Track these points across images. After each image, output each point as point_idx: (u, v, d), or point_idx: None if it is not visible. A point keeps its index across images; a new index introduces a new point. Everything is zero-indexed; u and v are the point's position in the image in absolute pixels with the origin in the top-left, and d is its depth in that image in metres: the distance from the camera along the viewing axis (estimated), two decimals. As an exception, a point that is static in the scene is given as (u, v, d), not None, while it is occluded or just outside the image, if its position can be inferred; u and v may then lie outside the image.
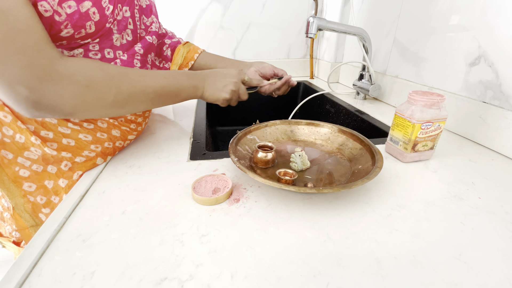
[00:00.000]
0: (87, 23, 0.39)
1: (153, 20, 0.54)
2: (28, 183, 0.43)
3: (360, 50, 0.86)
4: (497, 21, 0.50)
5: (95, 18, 0.39)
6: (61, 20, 0.36)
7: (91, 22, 0.39)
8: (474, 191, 0.39)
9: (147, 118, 0.58)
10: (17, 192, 0.43)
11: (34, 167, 0.43)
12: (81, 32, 0.39)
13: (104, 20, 0.41)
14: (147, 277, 0.26)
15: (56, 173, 0.44)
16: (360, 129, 0.71)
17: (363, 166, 0.42)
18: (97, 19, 0.39)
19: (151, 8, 0.55)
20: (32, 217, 0.45)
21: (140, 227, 0.32)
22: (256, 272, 0.26)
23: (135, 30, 0.49)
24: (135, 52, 0.48)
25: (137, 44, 0.49)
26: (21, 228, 0.45)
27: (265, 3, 1.07)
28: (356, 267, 0.27)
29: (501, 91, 0.50)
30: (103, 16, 0.40)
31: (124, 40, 0.47)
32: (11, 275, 0.26)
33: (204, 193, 0.36)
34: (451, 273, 0.27)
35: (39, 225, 0.46)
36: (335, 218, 0.34)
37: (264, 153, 0.44)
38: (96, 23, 0.40)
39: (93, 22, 0.39)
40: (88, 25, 0.39)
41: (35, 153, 0.42)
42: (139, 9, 0.50)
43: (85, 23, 0.39)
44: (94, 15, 0.39)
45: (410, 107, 0.44)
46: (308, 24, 0.70)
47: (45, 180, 0.44)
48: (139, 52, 0.49)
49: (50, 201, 0.45)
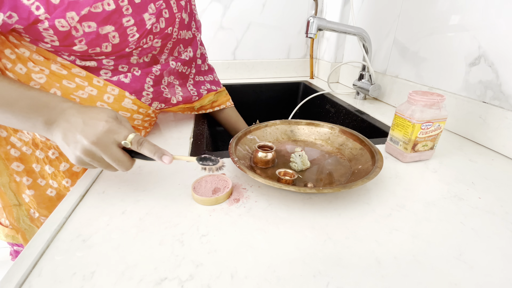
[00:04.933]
0: (104, 44, 0.39)
1: (187, 51, 0.56)
2: (17, 162, 0.45)
3: (360, 50, 0.86)
4: (497, 21, 0.50)
5: (114, 41, 0.40)
6: (76, 36, 0.37)
7: (108, 44, 0.40)
8: (474, 191, 0.39)
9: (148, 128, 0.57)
10: (4, 171, 0.45)
11: (24, 149, 0.44)
12: (95, 49, 0.39)
13: (124, 45, 0.41)
14: (147, 277, 0.26)
15: (43, 159, 0.45)
16: (360, 129, 0.71)
17: (363, 166, 0.42)
18: (116, 42, 0.40)
19: (193, 41, 0.57)
20: (16, 197, 0.47)
21: (140, 227, 0.32)
22: (256, 272, 0.26)
23: (159, 55, 0.50)
24: (151, 71, 0.49)
25: (156, 65, 0.50)
26: (5, 205, 0.48)
27: (265, 3, 1.07)
28: (356, 267, 0.27)
29: (501, 91, 0.50)
30: (124, 42, 0.41)
31: (142, 60, 0.48)
32: (11, 275, 0.26)
33: (204, 193, 0.36)
34: (451, 273, 0.27)
35: (22, 205, 0.49)
36: (335, 218, 0.34)
37: (264, 153, 0.44)
38: (114, 45, 0.40)
39: (111, 44, 0.40)
40: (104, 46, 0.40)
41: (27, 135, 0.43)
42: (176, 41, 0.51)
43: (102, 43, 0.39)
44: (114, 39, 0.40)
45: (410, 107, 0.44)
46: (308, 24, 0.70)
47: (33, 163, 0.46)
48: (155, 73, 0.50)
49: (36, 183, 0.47)
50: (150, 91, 0.50)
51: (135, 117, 0.50)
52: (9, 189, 0.45)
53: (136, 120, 0.51)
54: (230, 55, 1.13)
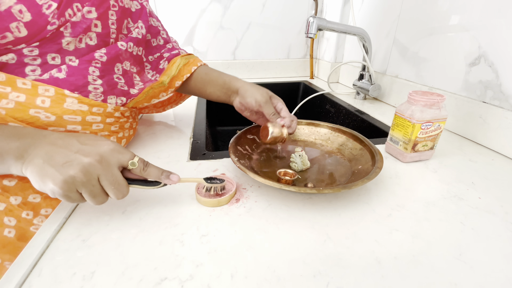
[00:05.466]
0: (12, 24, 0.31)
1: (138, 26, 0.46)
2: None
3: (360, 50, 0.86)
4: (497, 21, 0.50)
5: (24, 18, 0.31)
6: None
7: (17, 24, 0.31)
8: (474, 191, 0.39)
9: (123, 131, 0.47)
10: None
11: None
12: (6, 36, 0.31)
13: (41, 21, 0.32)
14: (147, 277, 0.26)
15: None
16: (360, 129, 0.71)
17: (363, 166, 0.42)
18: (28, 19, 0.31)
19: (142, 12, 0.47)
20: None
21: (140, 227, 0.32)
22: (256, 272, 0.26)
23: (106, 33, 0.40)
24: (93, 58, 0.39)
25: (101, 50, 0.40)
26: None
27: (265, 3, 1.07)
28: (356, 267, 0.27)
29: (501, 91, 0.50)
30: (39, 16, 0.32)
31: (83, 44, 0.38)
32: (11, 275, 0.26)
33: (207, 194, 0.36)
34: (451, 273, 0.27)
35: None
36: (335, 218, 0.34)
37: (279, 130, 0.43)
38: (27, 24, 0.32)
39: (21, 23, 0.31)
40: (14, 27, 0.31)
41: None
42: (118, 11, 0.41)
43: (8, 25, 0.30)
44: (22, 14, 0.31)
45: (410, 107, 0.44)
46: (308, 24, 0.70)
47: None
48: (100, 59, 0.40)
49: None
50: (98, 84, 0.40)
51: (90, 119, 0.40)
52: None
53: (94, 124, 0.40)
54: (230, 55, 1.13)
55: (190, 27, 1.06)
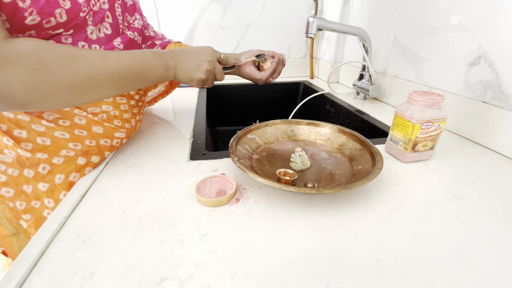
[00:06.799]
0: (57, 10, 0.35)
1: (137, 18, 0.52)
2: (5, 188, 0.40)
3: (360, 50, 0.86)
4: (497, 21, 0.50)
5: (66, 5, 0.36)
6: (25, 7, 0.32)
7: (61, 10, 0.35)
8: (474, 191, 0.39)
9: (138, 115, 0.54)
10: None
11: (10, 171, 0.40)
12: (50, 21, 0.35)
13: (76, 9, 0.37)
14: (147, 277, 0.26)
15: (34, 177, 0.41)
16: (360, 129, 0.71)
17: (363, 166, 0.42)
18: (68, 6, 0.36)
19: (135, 6, 0.53)
20: (13, 225, 0.42)
21: (140, 227, 0.32)
22: (256, 272, 0.26)
23: (116, 24, 0.46)
24: (113, 47, 0.44)
25: (117, 39, 0.45)
26: (2, 236, 0.42)
27: (265, 3, 1.07)
28: (356, 267, 0.27)
29: (501, 91, 0.50)
30: (76, 4, 0.37)
31: (102, 34, 0.43)
32: (11, 275, 0.26)
33: (207, 194, 0.36)
34: (451, 273, 0.27)
35: (20, 233, 0.43)
36: (335, 218, 0.34)
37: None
38: (67, 11, 0.36)
39: (64, 9, 0.36)
40: (58, 13, 0.35)
41: (9, 156, 0.39)
42: (121, 4, 0.48)
43: (54, 10, 0.35)
44: (64, 2, 0.36)
45: (410, 107, 0.44)
46: (308, 24, 0.70)
47: (23, 185, 0.41)
48: (119, 48, 0.45)
49: (31, 207, 0.42)
50: None
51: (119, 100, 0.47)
52: (4, 219, 0.41)
53: (121, 104, 0.48)
54: (230, 55, 1.13)
55: (190, 27, 1.06)
